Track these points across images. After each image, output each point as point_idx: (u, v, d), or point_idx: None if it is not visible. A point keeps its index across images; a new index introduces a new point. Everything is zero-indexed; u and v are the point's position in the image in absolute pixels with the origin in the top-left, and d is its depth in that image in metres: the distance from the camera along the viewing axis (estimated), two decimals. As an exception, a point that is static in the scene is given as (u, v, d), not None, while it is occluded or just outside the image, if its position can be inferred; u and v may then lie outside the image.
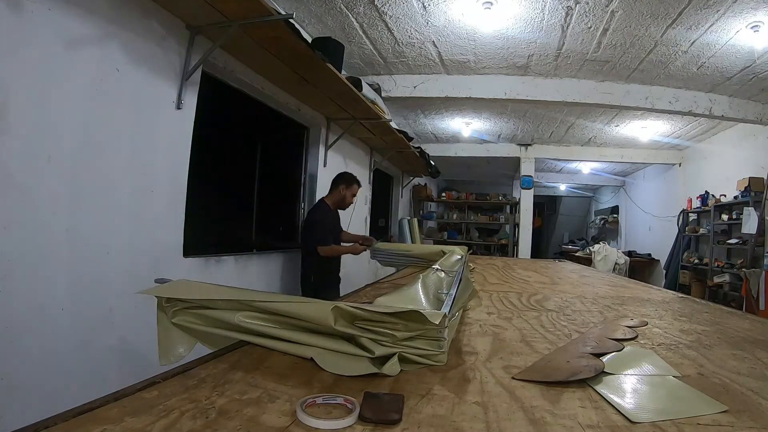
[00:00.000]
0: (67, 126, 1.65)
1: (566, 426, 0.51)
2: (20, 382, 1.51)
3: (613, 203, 10.35)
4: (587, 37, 3.45)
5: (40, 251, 1.57)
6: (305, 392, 0.56)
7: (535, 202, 7.39)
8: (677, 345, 0.91)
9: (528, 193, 7.15)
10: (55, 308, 1.63)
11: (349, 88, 3.09)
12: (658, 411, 0.55)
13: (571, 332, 0.99)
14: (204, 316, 0.78)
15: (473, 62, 4.05)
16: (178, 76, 2.17)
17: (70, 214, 1.67)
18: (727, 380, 0.69)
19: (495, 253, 9.02)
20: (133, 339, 1.86)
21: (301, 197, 3.91)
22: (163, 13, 2.04)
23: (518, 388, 0.62)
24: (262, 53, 2.46)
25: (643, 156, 7.19)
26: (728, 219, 5.39)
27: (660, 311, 1.36)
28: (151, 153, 2.06)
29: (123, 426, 0.46)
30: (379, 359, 0.66)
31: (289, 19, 2.08)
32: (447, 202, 9.58)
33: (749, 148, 5.26)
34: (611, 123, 5.80)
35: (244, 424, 0.47)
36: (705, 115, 4.57)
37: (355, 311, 0.68)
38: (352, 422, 0.49)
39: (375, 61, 4.04)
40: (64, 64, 1.62)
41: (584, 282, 2.12)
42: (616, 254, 7.90)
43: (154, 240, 2.07)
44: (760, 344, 0.96)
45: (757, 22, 3.01)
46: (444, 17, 3.23)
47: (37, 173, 1.55)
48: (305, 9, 3.08)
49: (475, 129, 6.30)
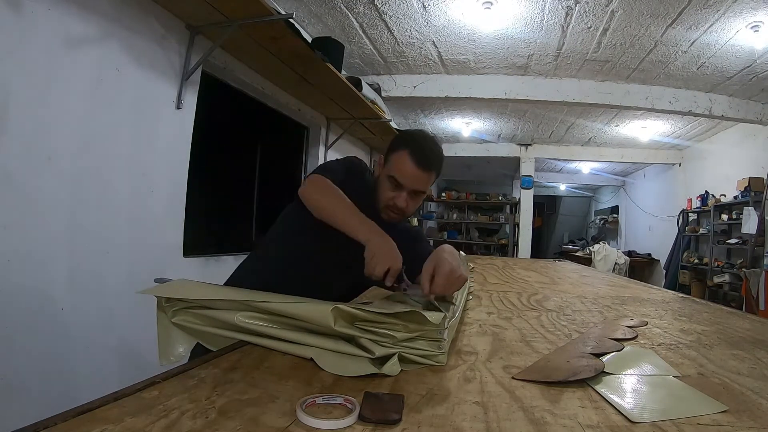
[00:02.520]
0: (67, 126, 1.65)
1: (566, 426, 0.51)
2: (20, 382, 1.51)
3: (613, 203, 10.34)
4: (587, 37, 3.45)
5: (39, 251, 1.57)
6: (305, 392, 0.56)
7: (534, 202, 7.38)
8: (677, 345, 0.91)
9: (528, 193, 7.15)
10: (55, 308, 1.63)
11: (349, 88, 3.09)
12: (658, 411, 0.55)
13: (571, 332, 0.99)
14: (204, 316, 0.78)
15: (473, 62, 4.05)
16: (178, 76, 2.17)
17: (69, 214, 1.67)
18: (727, 380, 0.69)
19: (495, 252, 9.01)
20: (133, 339, 1.86)
21: (300, 197, 3.91)
22: (163, 12, 2.04)
23: (518, 388, 0.62)
24: (262, 53, 2.46)
25: (643, 156, 7.19)
26: (728, 219, 5.39)
27: (660, 311, 1.35)
28: (151, 153, 2.06)
29: (123, 426, 0.46)
30: (379, 359, 0.66)
31: (289, 18, 2.08)
32: (447, 202, 9.57)
33: (749, 148, 5.26)
34: (611, 123, 5.80)
35: (244, 424, 0.47)
36: (705, 115, 4.57)
37: (355, 312, 0.68)
38: (352, 422, 0.49)
39: (375, 60, 4.04)
40: (64, 63, 1.62)
41: (584, 282, 2.12)
42: (616, 254, 7.90)
43: (153, 240, 2.07)
44: (760, 344, 0.96)
45: (757, 22, 3.01)
46: (444, 17, 3.23)
47: (37, 173, 1.55)
48: (305, 9, 3.08)
49: (475, 129, 6.30)
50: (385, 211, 1.14)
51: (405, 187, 1.10)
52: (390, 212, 1.14)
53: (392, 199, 1.11)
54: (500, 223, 9.60)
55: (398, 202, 1.11)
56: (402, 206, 1.12)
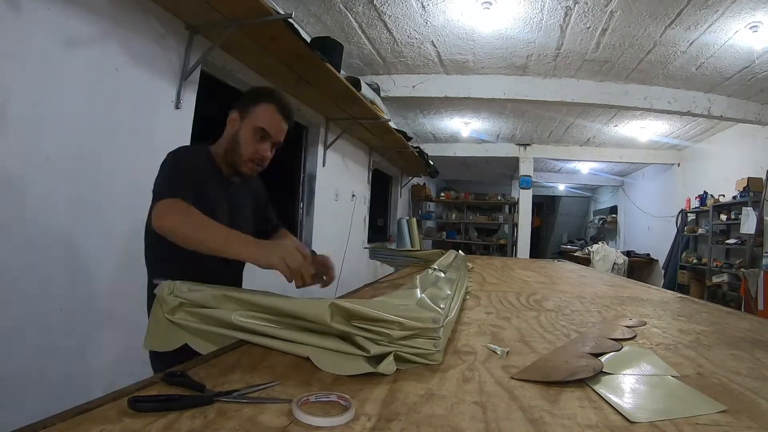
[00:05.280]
0: (66, 126, 1.64)
1: (565, 426, 0.51)
2: (19, 382, 1.51)
3: (612, 203, 10.36)
4: (586, 37, 3.45)
5: (38, 251, 1.57)
6: (304, 392, 0.56)
7: (533, 202, 7.38)
8: (676, 345, 0.91)
9: (527, 193, 7.16)
10: (54, 308, 1.63)
11: (348, 88, 3.09)
12: (657, 411, 0.55)
13: (569, 332, 0.99)
14: (201, 314, 0.78)
15: (472, 62, 4.05)
16: (177, 76, 2.17)
17: (68, 214, 1.67)
18: (726, 380, 0.70)
19: (494, 252, 9.02)
20: (132, 339, 1.85)
21: (299, 197, 3.91)
22: (162, 12, 2.03)
23: (517, 388, 0.62)
24: (261, 53, 2.46)
25: (642, 156, 7.20)
26: (727, 219, 5.40)
27: (659, 311, 1.36)
28: (150, 153, 2.05)
29: (122, 426, 0.46)
30: (375, 358, 0.66)
31: (288, 18, 2.08)
32: (446, 202, 9.58)
33: (748, 149, 5.27)
34: (610, 123, 5.81)
35: (243, 424, 0.47)
36: (704, 115, 4.58)
37: (351, 308, 0.68)
38: (351, 418, 0.49)
39: (374, 60, 4.04)
40: (63, 63, 1.62)
41: (583, 282, 2.13)
42: (615, 254, 7.91)
43: (152, 240, 2.07)
44: (759, 344, 0.96)
45: (756, 23, 3.01)
46: (443, 17, 3.23)
47: (36, 173, 1.55)
48: (304, 9, 3.08)
49: (474, 129, 6.30)
50: (247, 164, 1.20)
51: (272, 138, 1.19)
52: (253, 165, 1.21)
53: (257, 152, 1.19)
54: (499, 223, 9.60)
55: (264, 152, 1.19)
56: (267, 156, 1.21)
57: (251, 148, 1.18)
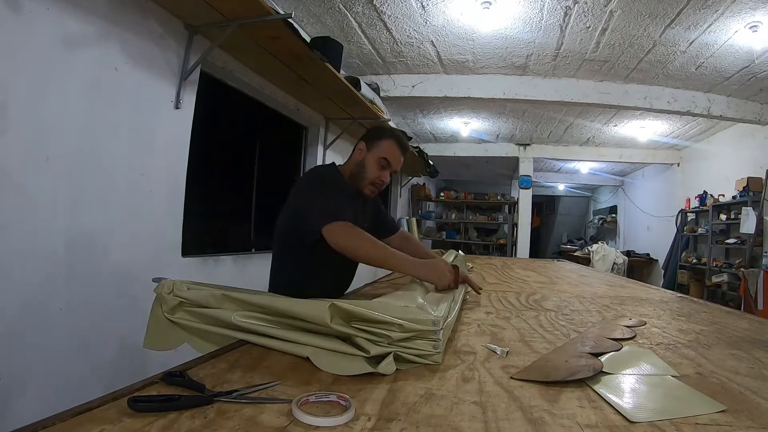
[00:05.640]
0: (66, 126, 1.64)
1: (565, 426, 0.51)
2: (18, 381, 1.51)
3: (612, 203, 10.36)
4: (586, 37, 3.45)
5: (38, 251, 1.56)
6: (304, 392, 0.56)
7: (533, 201, 7.38)
8: (676, 345, 0.92)
9: (526, 193, 7.16)
10: (54, 308, 1.63)
11: (348, 88, 3.09)
12: (657, 411, 0.56)
13: (569, 332, 0.99)
14: (201, 314, 0.78)
15: (472, 62, 4.05)
16: (177, 76, 2.17)
17: (68, 214, 1.67)
18: (726, 380, 0.70)
19: (493, 252, 9.02)
20: (132, 339, 1.85)
21: (299, 197, 3.90)
22: (162, 12, 2.03)
23: (517, 388, 0.62)
24: (261, 53, 2.45)
25: (642, 156, 7.20)
26: (726, 219, 5.40)
27: (658, 311, 1.36)
28: (150, 153, 2.05)
29: (121, 426, 0.46)
30: (375, 358, 0.66)
31: (288, 18, 2.08)
32: (446, 201, 9.57)
33: (748, 148, 5.27)
34: (610, 123, 5.81)
35: (243, 424, 0.47)
36: (703, 115, 4.57)
37: (351, 309, 0.68)
38: (350, 418, 0.49)
39: (373, 60, 4.04)
40: (63, 63, 1.62)
41: (583, 282, 2.13)
42: (615, 254, 7.91)
43: (152, 240, 2.07)
44: (759, 344, 0.96)
45: (756, 23, 3.01)
46: (442, 17, 3.23)
47: (36, 173, 1.55)
48: (304, 8, 3.08)
49: (474, 129, 6.30)
50: (369, 187, 1.42)
51: (392, 167, 1.42)
52: (373, 187, 1.43)
53: (379, 177, 1.41)
54: (499, 223, 9.60)
55: (384, 178, 1.43)
56: (386, 182, 1.45)
57: (375, 174, 1.40)
